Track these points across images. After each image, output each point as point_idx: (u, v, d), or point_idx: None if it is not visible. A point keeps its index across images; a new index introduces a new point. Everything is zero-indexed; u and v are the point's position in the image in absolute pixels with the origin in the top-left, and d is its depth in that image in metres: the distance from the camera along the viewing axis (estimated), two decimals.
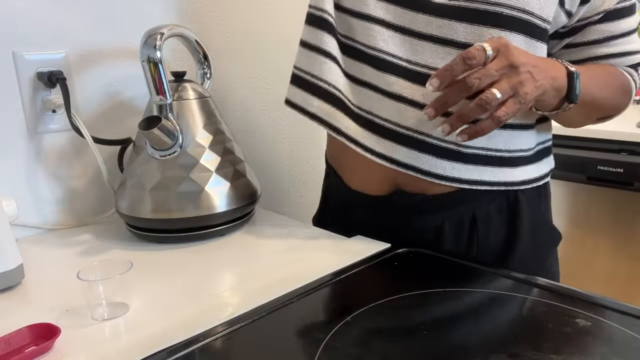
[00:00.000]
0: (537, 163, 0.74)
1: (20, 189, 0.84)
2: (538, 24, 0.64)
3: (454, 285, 0.50)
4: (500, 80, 0.57)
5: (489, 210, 0.71)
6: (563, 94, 0.63)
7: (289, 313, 0.56)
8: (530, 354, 0.46)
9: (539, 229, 0.75)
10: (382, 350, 0.48)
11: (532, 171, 0.73)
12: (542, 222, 0.76)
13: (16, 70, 0.81)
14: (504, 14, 0.62)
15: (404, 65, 0.67)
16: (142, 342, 0.51)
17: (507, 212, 0.72)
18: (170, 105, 0.78)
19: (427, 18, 0.65)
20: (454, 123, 0.59)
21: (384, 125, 0.69)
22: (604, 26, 0.69)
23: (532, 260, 0.73)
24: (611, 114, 0.75)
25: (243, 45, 1.08)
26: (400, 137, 0.68)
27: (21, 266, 0.66)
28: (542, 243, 0.76)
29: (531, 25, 0.64)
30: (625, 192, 1.50)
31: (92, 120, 0.88)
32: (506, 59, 0.56)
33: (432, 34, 0.65)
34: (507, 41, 0.58)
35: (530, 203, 0.72)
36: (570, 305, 0.54)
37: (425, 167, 0.67)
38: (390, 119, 0.68)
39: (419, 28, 0.66)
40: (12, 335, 0.52)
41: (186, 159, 0.78)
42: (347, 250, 0.71)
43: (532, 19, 0.63)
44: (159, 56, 0.75)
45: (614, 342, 0.49)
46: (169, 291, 0.63)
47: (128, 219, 0.80)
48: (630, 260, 1.53)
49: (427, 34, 0.65)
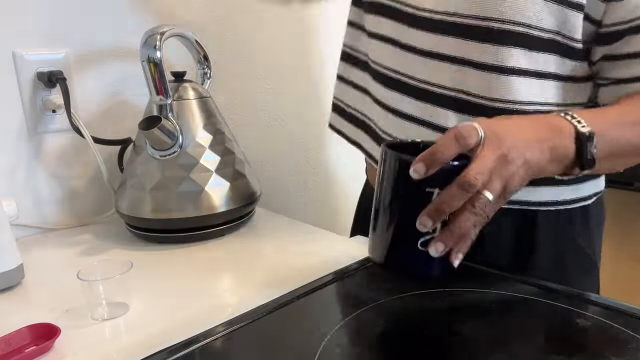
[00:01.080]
0: (568, 185, 0.68)
1: (20, 189, 0.84)
2: (539, 36, 0.59)
3: (455, 286, 0.50)
4: (490, 177, 0.48)
5: (500, 223, 0.63)
6: (569, 159, 0.53)
7: (289, 313, 0.56)
8: (530, 354, 0.46)
9: (562, 251, 0.70)
10: (382, 351, 0.48)
11: (557, 193, 0.67)
12: (570, 246, 0.70)
13: (16, 70, 0.81)
14: (494, 29, 0.59)
15: (401, 79, 0.68)
16: (142, 342, 0.51)
17: (521, 230, 0.68)
18: (170, 105, 0.78)
19: (420, 33, 0.65)
20: (446, 241, 0.49)
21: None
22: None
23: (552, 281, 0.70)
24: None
25: (243, 45, 1.07)
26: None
27: (21, 266, 0.66)
28: (568, 266, 0.71)
29: (530, 37, 0.60)
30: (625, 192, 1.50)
31: (92, 120, 0.88)
32: (498, 147, 0.48)
33: (425, 49, 0.64)
34: (489, 121, 0.51)
35: (553, 225, 0.68)
36: (570, 305, 0.54)
37: None
38: (392, 133, 0.71)
39: (414, 43, 0.66)
40: (12, 335, 0.52)
41: (186, 159, 0.78)
42: (347, 250, 0.71)
43: (530, 30, 0.59)
44: (159, 56, 0.75)
45: (614, 342, 0.49)
46: (169, 291, 0.63)
47: (128, 219, 0.80)
48: (630, 260, 1.53)
49: (421, 49, 0.65)
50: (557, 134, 0.53)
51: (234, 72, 1.07)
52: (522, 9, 0.58)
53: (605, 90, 0.65)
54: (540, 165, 0.51)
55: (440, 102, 0.66)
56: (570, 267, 0.71)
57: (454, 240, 0.48)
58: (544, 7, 0.58)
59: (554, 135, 0.52)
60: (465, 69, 0.63)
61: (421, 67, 0.66)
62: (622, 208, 1.53)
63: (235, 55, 1.06)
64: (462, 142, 0.47)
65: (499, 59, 0.61)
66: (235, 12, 1.05)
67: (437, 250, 0.48)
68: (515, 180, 0.49)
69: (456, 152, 0.47)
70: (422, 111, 0.67)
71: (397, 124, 0.70)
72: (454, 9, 0.62)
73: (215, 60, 0.99)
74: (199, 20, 0.99)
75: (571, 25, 0.59)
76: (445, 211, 0.47)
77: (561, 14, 0.59)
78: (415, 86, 0.67)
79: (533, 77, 0.62)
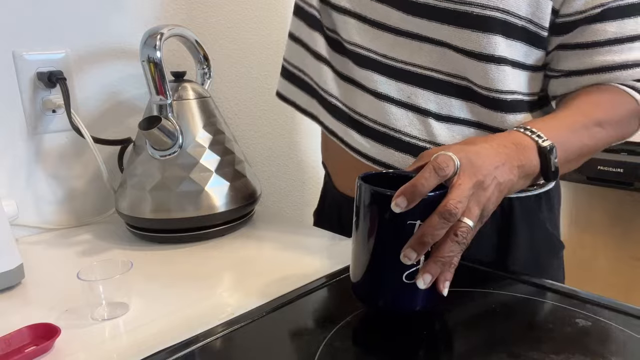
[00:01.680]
0: None
1: (20, 189, 0.84)
2: (515, 23, 0.60)
3: (453, 285, 0.50)
4: (469, 204, 0.49)
5: None
6: (536, 173, 0.56)
7: (289, 313, 0.56)
8: (530, 354, 0.46)
9: (536, 238, 0.73)
10: (382, 350, 0.48)
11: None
12: (540, 230, 0.74)
13: (16, 70, 0.81)
14: (474, 14, 0.59)
15: (379, 60, 0.66)
16: (142, 342, 0.51)
17: (500, 218, 0.70)
18: (170, 105, 0.78)
19: (401, 15, 0.64)
20: (433, 271, 0.49)
21: (364, 123, 0.69)
22: (604, 25, 0.60)
23: (529, 269, 0.72)
24: (615, 143, 0.68)
25: (243, 45, 1.08)
26: (382, 136, 0.67)
27: (21, 266, 0.66)
28: (540, 252, 0.74)
29: (508, 24, 0.60)
30: (625, 192, 1.50)
31: (92, 120, 0.88)
32: (474, 175, 0.50)
33: (407, 30, 0.64)
34: (462, 148, 0.52)
35: (527, 211, 0.71)
36: (570, 305, 0.54)
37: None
38: (368, 115, 0.68)
39: (395, 24, 0.65)
40: (12, 335, 0.52)
41: (186, 159, 0.78)
42: (347, 250, 0.71)
43: (509, 17, 0.59)
44: (159, 56, 0.75)
45: (614, 342, 0.49)
46: (169, 291, 0.63)
47: (128, 219, 0.80)
48: (630, 260, 1.53)
49: (403, 30, 0.65)
50: (521, 151, 0.55)
51: (234, 72, 1.07)
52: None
53: (556, 82, 0.66)
54: (511, 184, 0.53)
55: (420, 83, 0.66)
56: (542, 251, 0.74)
57: (439, 270, 0.49)
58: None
59: (519, 153, 0.54)
60: (445, 50, 0.63)
61: (401, 47, 0.65)
62: (622, 208, 1.53)
63: (236, 55, 1.06)
64: (441, 173, 0.48)
65: (477, 45, 0.61)
66: (236, 12, 1.05)
67: (425, 282, 0.49)
68: (491, 203, 0.51)
69: (436, 183, 0.48)
70: (401, 91, 0.67)
71: (375, 106, 0.69)
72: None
73: (216, 60, 0.99)
74: (199, 20, 0.99)
75: (542, 13, 0.60)
76: (429, 242, 0.48)
77: (535, 2, 0.60)
78: (393, 66, 0.67)
79: (508, 65, 0.63)
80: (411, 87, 0.66)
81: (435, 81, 0.65)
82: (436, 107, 0.66)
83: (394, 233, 0.49)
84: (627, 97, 0.63)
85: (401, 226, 0.48)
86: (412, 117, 0.67)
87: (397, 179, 0.50)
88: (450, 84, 0.65)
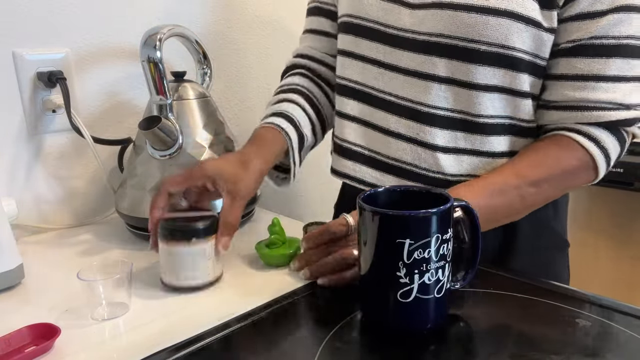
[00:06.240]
0: None
1: (20, 189, 0.84)
2: (522, 58, 0.62)
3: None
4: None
5: None
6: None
7: (289, 313, 0.56)
8: (530, 354, 0.46)
9: (540, 234, 0.73)
10: (382, 350, 0.48)
11: None
12: (545, 227, 0.74)
13: (16, 70, 0.81)
14: (480, 50, 0.62)
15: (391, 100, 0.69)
16: (142, 342, 0.51)
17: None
18: (170, 105, 0.78)
19: (410, 55, 0.66)
20: (314, 272, 0.62)
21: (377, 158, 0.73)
22: (575, 61, 0.62)
23: (532, 265, 0.72)
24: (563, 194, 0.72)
25: (243, 46, 1.08)
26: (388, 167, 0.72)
27: (21, 266, 0.66)
28: (543, 248, 0.74)
29: (514, 59, 0.62)
30: (625, 192, 1.49)
31: (92, 120, 0.88)
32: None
33: (415, 69, 0.66)
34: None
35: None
36: (570, 305, 0.54)
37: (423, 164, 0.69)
38: (380, 151, 0.72)
39: (405, 65, 0.67)
40: (12, 335, 0.52)
41: (186, 159, 0.78)
42: None
43: (515, 53, 0.62)
44: (159, 56, 0.75)
45: (614, 342, 0.49)
46: (169, 291, 0.63)
47: (128, 219, 0.80)
48: (631, 260, 1.53)
49: (411, 70, 0.67)
50: None
51: (234, 72, 1.07)
52: (507, 33, 0.61)
53: (538, 112, 0.68)
54: None
55: (429, 121, 0.67)
56: (545, 247, 0.75)
57: (317, 270, 0.61)
58: (523, 30, 0.61)
59: None
60: (451, 87, 0.65)
61: (406, 86, 0.68)
62: (622, 208, 1.53)
63: (236, 55, 1.06)
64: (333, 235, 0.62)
65: (477, 78, 0.63)
66: (236, 12, 1.05)
67: (305, 275, 0.63)
68: None
69: (329, 238, 0.62)
70: (411, 130, 0.69)
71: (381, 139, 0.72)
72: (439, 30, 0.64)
73: (216, 60, 0.99)
74: (199, 20, 0.99)
75: (545, 48, 0.63)
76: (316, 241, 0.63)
77: (539, 38, 0.62)
78: (399, 104, 0.69)
79: (511, 95, 0.65)
80: (420, 125, 0.68)
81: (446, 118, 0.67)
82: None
83: (385, 251, 0.49)
84: (577, 150, 0.64)
85: (391, 245, 0.48)
86: (420, 151, 0.69)
87: (404, 194, 0.53)
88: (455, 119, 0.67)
